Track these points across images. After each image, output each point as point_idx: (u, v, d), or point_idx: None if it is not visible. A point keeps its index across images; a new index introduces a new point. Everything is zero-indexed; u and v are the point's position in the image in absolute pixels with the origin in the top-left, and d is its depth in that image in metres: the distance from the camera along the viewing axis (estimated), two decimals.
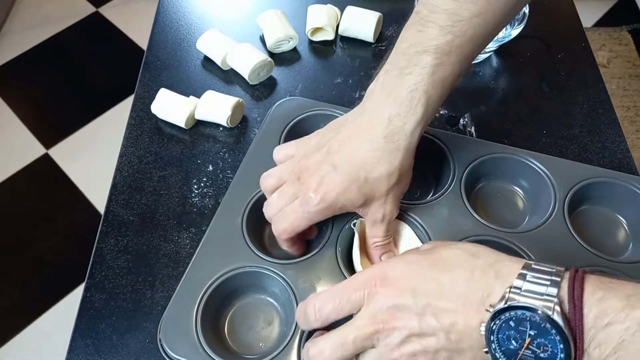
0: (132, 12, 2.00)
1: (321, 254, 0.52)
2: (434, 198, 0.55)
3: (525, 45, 0.73)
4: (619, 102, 1.77)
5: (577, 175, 0.56)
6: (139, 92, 0.69)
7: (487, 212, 0.57)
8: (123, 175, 0.62)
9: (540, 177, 0.57)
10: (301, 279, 0.50)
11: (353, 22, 0.72)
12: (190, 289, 0.50)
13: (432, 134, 0.59)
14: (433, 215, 0.54)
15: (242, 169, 0.58)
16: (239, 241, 0.53)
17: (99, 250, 0.57)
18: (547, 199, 0.55)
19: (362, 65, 0.72)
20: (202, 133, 0.66)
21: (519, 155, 0.58)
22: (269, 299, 0.52)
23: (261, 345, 0.50)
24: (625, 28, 1.95)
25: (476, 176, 0.58)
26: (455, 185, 0.56)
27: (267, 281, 0.51)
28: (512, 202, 0.59)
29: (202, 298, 0.49)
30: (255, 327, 0.51)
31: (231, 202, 0.55)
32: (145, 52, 0.74)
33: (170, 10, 0.78)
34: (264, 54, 0.69)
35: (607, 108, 0.68)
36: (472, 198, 0.58)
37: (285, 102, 0.63)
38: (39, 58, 1.90)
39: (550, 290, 0.34)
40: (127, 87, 1.78)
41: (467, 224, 0.53)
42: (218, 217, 0.55)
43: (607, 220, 0.57)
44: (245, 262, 0.51)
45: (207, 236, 0.53)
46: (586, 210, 0.57)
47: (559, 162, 0.58)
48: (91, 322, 0.53)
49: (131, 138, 0.66)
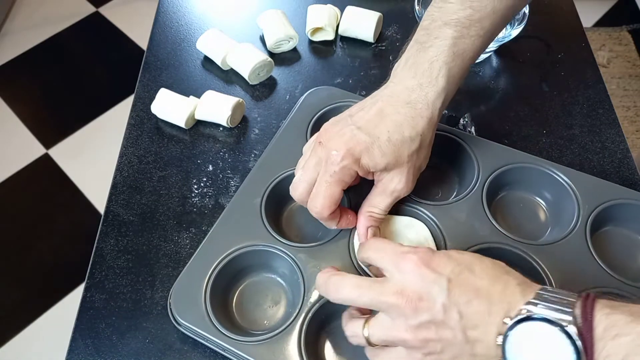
0: (132, 12, 2.00)
1: (334, 242, 0.52)
2: (454, 200, 0.55)
3: (525, 45, 0.73)
4: (619, 102, 1.77)
5: (604, 194, 0.55)
6: (139, 92, 0.69)
7: (507, 220, 0.56)
8: (123, 175, 0.62)
9: (566, 192, 0.55)
10: (311, 264, 0.51)
11: (353, 22, 0.72)
12: (203, 260, 0.51)
13: (459, 137, 0.59)
14: (451, 217, 0.54)
15: (267, 153, 0.59)
16: (256, 220, 0.53)
17: (99, 250, 0.57)
18: (570, 215, 0.54)
19: (362, 65, 0.72)
20: (202, 133, 0.66)
21: (546, 167, 0.57)
22: (279, 280, 0.53)
23: (266, 322, 0.51)
24: (625, 28, 1.95)
25: (500, 183, 0.57)
26: (477, 190, 0.55)
27: (279, 262, 0.52)
28: (533, 214, 0.58)
29: (213, 270, 0.51)
30: (262, 305, 0.52)
31: (253, 183, 0.56)
32: (145, 52, 0.74)
33: (170, 10, 0.78)
34: (264, 54, 0.69)
35: (607, 108, 0.68)
36: (494, 205, 0.57)
37: (317, 90, 0.64)
38: (39, 58, 1.90)
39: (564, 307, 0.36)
40: (127, 87, 1.78)
41: (484, 229, 0.53)
42: (238, 195, 0.56)
43: (631, 243, 0.55)
44: (259, 240, 0.52)
45: (225, 213, 0.55)
46: (610, 231, 0.56)
47: (587, 179, 0.56)
48: (91, 322, 0.53)
49: (131, 138, 0.66)
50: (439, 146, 0.57)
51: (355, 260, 0.51)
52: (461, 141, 0.58)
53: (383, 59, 0.72)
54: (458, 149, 0.59)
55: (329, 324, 0.50)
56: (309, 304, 0.49)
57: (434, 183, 0.59)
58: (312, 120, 0.61)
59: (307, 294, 0.49)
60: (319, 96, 0.63)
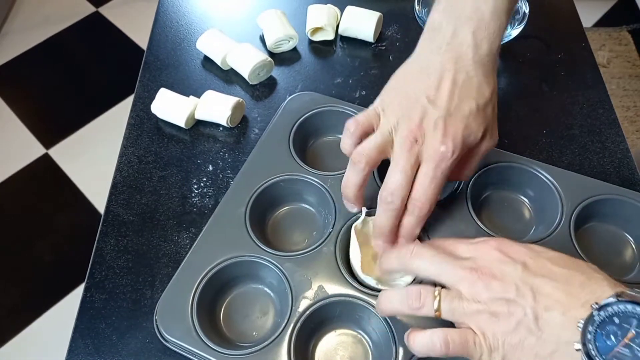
0: (132, 12, 2.00)
1: (320, 250, 0.52)
2: (438, 202, 0.55)
3: (525, 45, 0.73)
4: (619, 102, 1.77)
5: (587, 190, 0.55)
6: (139, 92, 0.69)
7: (492, 220, 0.57)
8: (123, 175, 0.62)
9: (549, 189, 0.55)
10: (298, 272, 0.50)
11: (353, 22, 0.72)
12: (189, 273, 0.51)
13: None
14: (436, 219, 0.53)
15: (250, 160, 0.59)
16: (241, 230, 0.53)
17: (99, 250, 0.57)
18: (554, 212, 0.54)
19: (362, 65, 0.72)
20: (202, 133, 0.66)
21: (529, 165, 0.57)
22: (266, 290, 0.53)
23: (254, 334, 0.50)
24: (625, 28, 1.95)
25: (484, 184, 0.57)
26: (461, 191, 0.55)
27: (265, 272, 0.52)
28: (518, 213, 0.58)
29: (199, 283, 0.50)
30: (250, 316, 0.51)
31: (236, 192, 0.56)
32: (145, 52, 0.74)
33: (170, 10, 0.78)
34: (264, 54, 0.69)
35: (607, 108, 0.68)
36: (478, 205, 0.57)
37: (299, 96, 0.63)
38: (39, 58, 1.91)
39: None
40: (127, 87, 1.78)
41: (469, 231, 0.53)
42: (222, 205, 0.55)
43: (615, 238, 0.56)
44: (245, 251, 0.52)
45: (210, 223, 0.54)
46: (593, 227, 0.56)
47: (569, 176, 0.56)
48: (91, 322, 0.53)
49: (131, 138, 0.66)
50: None
51: (342, 267, 0.51)
52: None
53: (383, 59, 0.72)
54: None
55: (318, 332, 0.50)
56: (298, 313, 0.48)
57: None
58: (294, 127, 0.60)
59: (295, 303, 0.49)
60: (300, 101, 0.62)
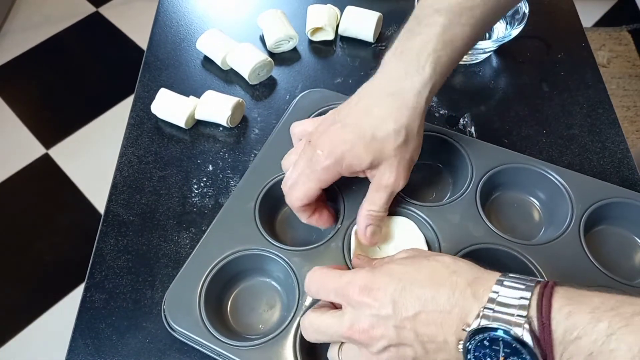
0: (132, 12, 2.00)
1: (328, 245, 0.52)
2: (448, 201, 0.55)
3: (525, 45, 0.73)
4: (619, 102, 1.77)
5: (598, 193, 0.54)
6: (139, 92, 0.69)
7: (501, 221, 0.56)
8: (123, 175, 0.62)
9: (559, 191, 0.55)
10: (306, 267, 0.50)
11: (353, 22, 0.72)
12: (197, 265, 0.51)
13: (452, 138, 0.58)
14: (445, 218, 0.53)
15: (260, 156, 0.59)
16: (250, 224, 0.53)
17: (99, 250, 0.57)
18: (564, 215, 0.54)
19: (362, 65, 0.72)
20: (202, 133, 0.66)
21: (540, 167, 0.56)
22: (274, 283, 0.53)
23: (261, 327, 0.51)
24: (625, 28, 1.95)
25: (494, 184, 0.57)
26: (471, 191, 0.55)
27: (273, 266, 0.52)
28: (527, 214, 0.57)
29: (207, 275, 0.50)
30: (257, 309, 0.52)
31: (246, 187, 0.56)
32: (145, 52, 0.74)
33: (170, 10, 0.78)
34: (264, 54, 0.69)
35: (607, 108, 0.68)
36: (488, 206, 0.57)
37: (310, 93, 0.63)
38: (39, 58, 1.91)
39: (520, 311, 0.34)
40: (127, 87, 1.78)
41: (478, 230, 0.53)
42: (232, 199, 0.55)
43: (625, 242, 0.55)
44: (254, 244, 0.52)
45: (219, 217, 0.54)
46: (603, 230, 0.55)
47: (580, 178, 0.56)
48: (91, 322, 0.53)
49: (131, 138, 0.66)
50: (432, 147, 0.58)
51: (349, 262, 0.51)
52: (454, 142, 0.58)
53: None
54: (451, 150, 0.58)
55: None
56: (304, 307, 0.48)
57: (427, 184, 0.59)
58: None
59: (302, 297, 0.49)
60: (311, 98, 0.63)
